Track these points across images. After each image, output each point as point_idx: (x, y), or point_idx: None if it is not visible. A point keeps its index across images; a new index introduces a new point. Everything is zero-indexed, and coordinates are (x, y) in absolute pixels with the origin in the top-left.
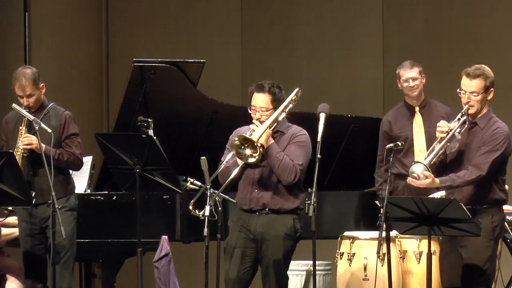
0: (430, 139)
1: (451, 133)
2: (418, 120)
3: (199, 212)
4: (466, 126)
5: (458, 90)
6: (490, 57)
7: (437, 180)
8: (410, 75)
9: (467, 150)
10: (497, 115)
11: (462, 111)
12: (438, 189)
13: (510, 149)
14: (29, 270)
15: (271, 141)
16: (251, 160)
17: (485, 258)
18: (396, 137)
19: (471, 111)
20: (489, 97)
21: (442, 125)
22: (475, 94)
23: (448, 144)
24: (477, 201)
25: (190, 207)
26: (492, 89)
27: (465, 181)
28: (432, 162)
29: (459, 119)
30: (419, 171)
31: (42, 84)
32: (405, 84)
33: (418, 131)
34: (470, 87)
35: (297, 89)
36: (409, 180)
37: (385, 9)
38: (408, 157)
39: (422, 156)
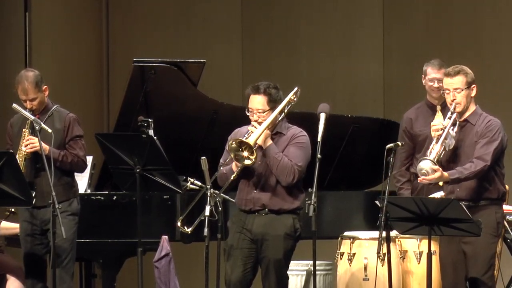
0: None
1: (446, 130)
2: (439, 119)
3: (187, 229)
4: (457, 124)
5: (441, 91)
6: (491, 57)
7: (445, 173)
8: (437, 76)
9: (462, 147)
10: (498, 115)
11: (451, 109)
12: (441, 188)
13: (505, 140)
14: (30, 270)
15: (270, 142)
16: (247, 162)
17: (490, 255)
18: (416, 136)
19: (458, 108)
20: (473, 94)
21: (437, 124)
22: (458, 90)
23: (446, 141)
24: (479, 197)
25: (178, 224)
26: (474, 85)
27: (472, 172)
28: (435, 160)
29: (449, 117)
30: (427, 167)
31: (45, 86)
32: (430, 83)
33: None
34: (452, 84)
35: (296, 89)
36: (420, 179)
37: (385, 9)
38: None
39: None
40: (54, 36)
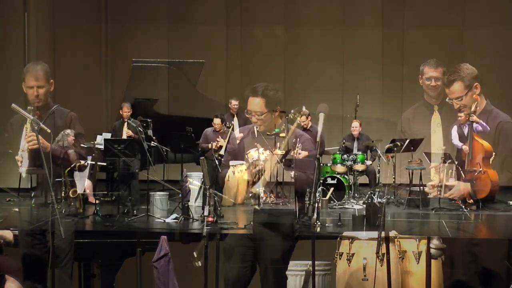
0: (447, 138)
1: (443, 184)
2: (436, 118)
3: (199, 263)
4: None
5: (447, 99)
6: (490, 57)
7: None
8: (433, 74)
9: (471, 149)
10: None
11: (441, 154)
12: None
13: None
14: (29, 271)
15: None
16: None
17: (500, 255)
18: (414, 135)
19: (467, 111)
20: (478, 92)
21: (431, 187)
22: (460, 99)
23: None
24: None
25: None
26: (476, 83)
27: None
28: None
29: (446, 172)
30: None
31: (52, 80)
32: (427, 82)
33: (436, 129)
34: (452, 94)
35: (303, 108)
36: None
37: (385, 9)
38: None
39: (438, 156)
40: (54, 36)
